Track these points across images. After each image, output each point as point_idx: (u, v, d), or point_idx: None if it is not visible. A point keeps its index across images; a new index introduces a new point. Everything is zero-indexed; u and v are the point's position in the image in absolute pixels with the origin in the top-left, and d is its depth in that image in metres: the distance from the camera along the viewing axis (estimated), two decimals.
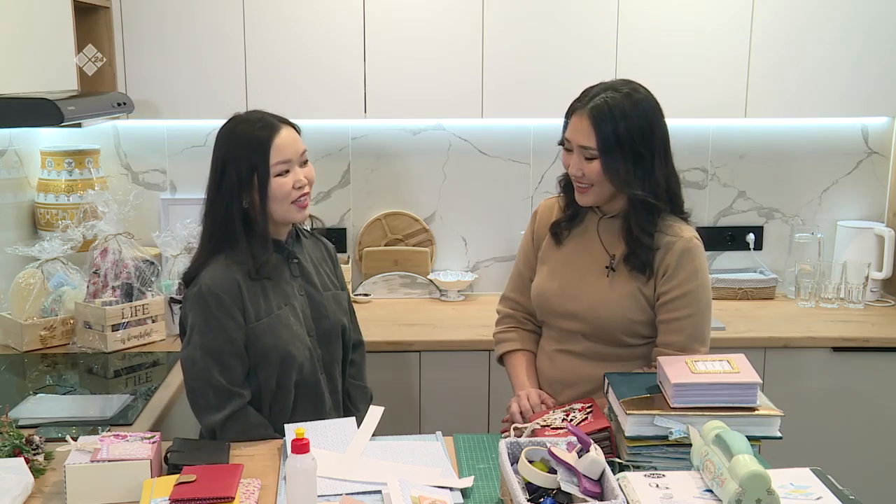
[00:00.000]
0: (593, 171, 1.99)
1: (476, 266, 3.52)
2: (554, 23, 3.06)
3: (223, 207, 2.03)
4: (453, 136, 3.42)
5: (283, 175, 2.02)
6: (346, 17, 3.04)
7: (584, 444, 1.63)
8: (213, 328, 2.00)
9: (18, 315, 2.79)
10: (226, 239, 2.04)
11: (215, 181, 2.05)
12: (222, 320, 2.00)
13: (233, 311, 2.01)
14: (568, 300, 2.11)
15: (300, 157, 2.07)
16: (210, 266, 2.04)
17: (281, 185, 2.02)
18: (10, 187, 3.06)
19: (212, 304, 2.00)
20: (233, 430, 2.02)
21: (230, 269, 2.02)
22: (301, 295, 2.12)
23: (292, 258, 2.15)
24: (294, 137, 2.07)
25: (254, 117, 2.07)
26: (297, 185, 2.04)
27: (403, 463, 1.88)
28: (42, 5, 2.55)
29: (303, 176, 2.06)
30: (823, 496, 1.62)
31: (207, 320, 2.01)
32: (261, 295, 2.06)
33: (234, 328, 2.01)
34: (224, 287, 2.00)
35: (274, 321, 2.05)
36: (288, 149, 2.03)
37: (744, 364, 1.82)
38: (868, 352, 2.98)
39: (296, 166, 2.05)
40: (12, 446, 1.83)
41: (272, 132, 2.03)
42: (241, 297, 2.02)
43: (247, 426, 2.03)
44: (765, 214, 3.52)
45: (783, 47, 3.10)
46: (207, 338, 2.01)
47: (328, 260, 2.27)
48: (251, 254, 2.03)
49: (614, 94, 1.98)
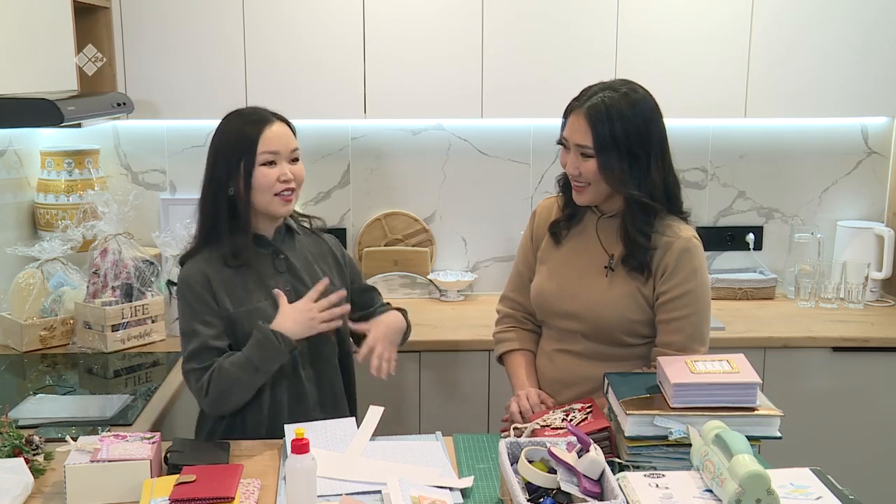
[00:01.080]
0: (589, 169, 2.00)
1: (476, 266, 3.52)
2: (554, 23, 3.06)
3: (212, 196, 2.09)
4: (453, 136, 3.42)
5: (268, 165, 2.06)
6: (346, 17, 3.04)
7: (583, 444, 1.63)
8: (186, 314, 2.08)
9: (18, 315, 2.79)
10: (212, 231, 2.10)
11: (207, 172, 2.12)
12: (193, 305, 2.07)
13: (205, 297, 2.06)
14: (567, 300, 2.12)
15: (289, 152, 2.10)
16: (192, 259, 2.12)
17: (265, 174, 2.05)
18: (9, 187, 3.06)
19: (186, 294, 2.09)
20: (214, 387, 2.00)
21: (207, 262, 2.09)
22: (287, 290, 2.12)
23: (278, 254, 2.15)
24: (285, 132, 2.10)
25: (248, 111, 2.14)
26: (281, 178, 2.07)
27: (403, 463, 1.88)
28: (42, 5, 2.55)
29: (289, 171, 2.08)
30: (823, 496, 1.62)
31: (183, 309, 2.09)
32: (239, 287, 2.09)
33: (206, 311, 2.06)
34: (196, 278, 2.08)
35: (253, 311, 2.08)
36: (276, 141, 2.07)
37: (743, 364, 1.82)
38: (868, 352, 2.98)
39: (283, 160, 2.08)
40: (12, 446, 1.83)
41: (263, 124, 2.08)
42: (210, 287, 2.07)
43: (224, 370, 2.00)
44: (764, 214, 3.52)
45: (783, 47, 3.10)
46: (182, 322, 2.09)
47: (329, 255, 2.26)
48: (231, 241, 2.08)
49: (612, 94, 1.99)
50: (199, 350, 2.04)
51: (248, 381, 2.02)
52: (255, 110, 2.13)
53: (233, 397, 2.03)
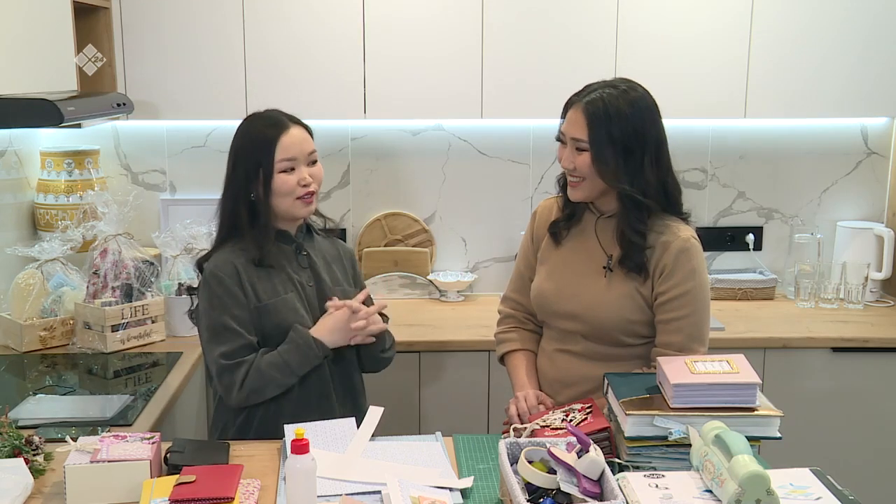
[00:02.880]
0: (584, 163, 2.01)
1: (476, 266, 3.52)
2: (553, 23, 3.06)
3: (232, 198, 2.13)
4: (453, 136, 3.42)
5: (287, 172, 2.10)
6: (346, 18, 3.04)
7: (583, 445, 1.63)
8: (216, 307, 2.09)
9: (18, 315, 2.78)
10: (234, 229, 2.14)
11: (228, 174, 2.15)
12: (223, 298, 2.08)
13: (234, 290, 2.08)
14: (566, 300, 2.12)
15: (307, 156, 2.13)
16: (217, 253, 2.14)
17: (284, 181, 2.09)
18: (9, 188, 3.05)
19: (213, 285, 2.09)
20: (249, 384, 2.05)
21: (234, 254, 2.12)
22: (310, 285, 2.17)
23: (301, 250, 2.19)
24: (303, 137, 2.14)
25: (266, 115, 2.17)
26: (301, 183, 2.11)
27: (403, 463, 1.88)
28: (42, 6, 2.55)
29: (308, 175, 2.12)
30: (823, 496, 1.62)
31: (210, 300, 2.10)
32: (265, 279, 2.12)
33: (235, 305, 2.08)
34: (224, 269, 2.09)
35: (280, 304, 2.11)
36: (294, 147, 2.10)
37: (743, 364, 1.82)
38: (867, 352, 2.98)
39: (302, 165, 2.12)
40: (12, 447, 1.83)
41: (280, 130, 2.10)
42: (239, 278, 2.09)
43: (260, 368, 2.05)
44: (764, 215, 3.52)
45: (783, 47, 3.10)
46: (211, 317, 2.09)
47: (342, 259, 2.30)
48: (255, 243, 2.11)
49: (611, 91, 2.01)
50: (233, 349, 2.06)
51: (282, 382, 2.08)
52: (272, 114, 2.15)
53: (265, 394, 2.09)
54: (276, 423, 2.05)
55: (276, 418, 2.09)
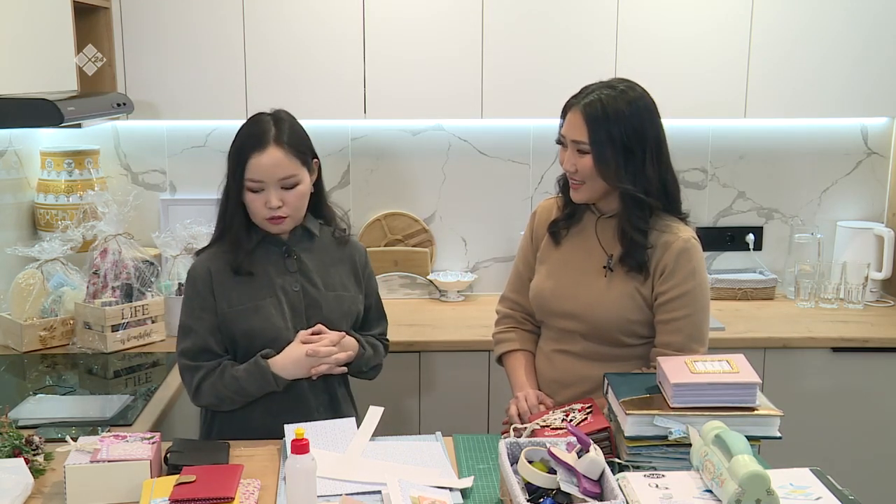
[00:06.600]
0: (585, 165, 2.01)
1: (476, 266, 3.52)
2: (553, 23, 3.06)
3: (225, 199, 2.13)
4: (453, 136, 3.42)
5: (254, 192, 2.05)
6: (346, 18, 3.04)
7: (583, 445, 1.63)
8: (186, 306, 2.13)
9: (18, 315, 2.79)
10: (227, 230, 2.14)
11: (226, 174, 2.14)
12: (192, 300, 2.12)
13: (203, 293, 2.11)
14: (566, 300, 2.12)
15: (278, 181, 2.03)
16: (203, 254, 2.17)
17: (252, 199, 2.06)
18: (9, 188, 3.06)
19: (188, 286, 2.15)
20: (206, 392, 2.08)
21: (215, 256, 2.13)
22: (295, 290, 2.13)
23: (291, 254, 2.15)
24: (275, 162, 2.02)
25: (258, 124, 2.08)
26: (267, 206, 2.04)
27: (403, 463, 1.88)
28: (42, 6, 2.55)
29: (276, 199, 2.03)
30: (823, 496, 1.62)
31: (184, 301, 2.15)
32: (242, 284, 2.10)
33: (201, 308, 2.10)
34: (198, 272, 2.13)
35: (250, 310, 2.09)
36: (261, 171, 2.02)
37: (743, 364, 1.82)
38: (867, 352, 2.98)
39: (271, 188, 2.04)
40: (12, 447, 1.83)
41: (254, 150, 2.03)
42: (211, 283, 2.10)
43: (218, 383, 2.07)
44: (764, 215, 3.52)
45: (783, 47, 3.10)
46: (182, 314, 2.14)
47: (348, 263, 2.22)
48: (233, 247, 2.11)
49: (609, 91, 2.01)
50: (192, 349, 2.10)
51: (240, 401, 2.11)
52: (263, 125, 2.06)
53: (222, 408, 2.13)
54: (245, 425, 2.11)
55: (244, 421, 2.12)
